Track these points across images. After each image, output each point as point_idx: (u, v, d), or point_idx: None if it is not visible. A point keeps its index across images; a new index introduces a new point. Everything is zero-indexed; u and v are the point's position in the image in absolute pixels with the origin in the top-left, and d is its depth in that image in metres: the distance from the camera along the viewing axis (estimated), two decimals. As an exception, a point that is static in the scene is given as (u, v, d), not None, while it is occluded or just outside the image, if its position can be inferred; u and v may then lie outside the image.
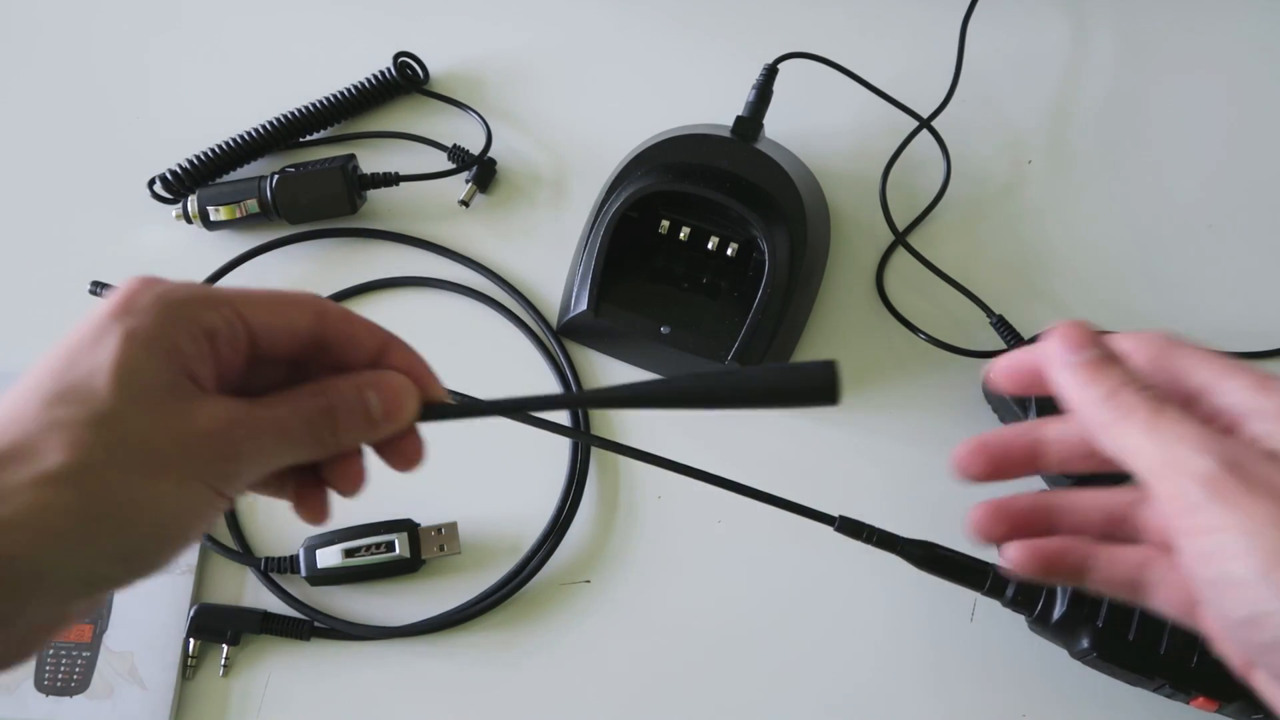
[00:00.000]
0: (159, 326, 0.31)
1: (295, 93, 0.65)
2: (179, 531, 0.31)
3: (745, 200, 0.56)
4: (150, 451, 0.30)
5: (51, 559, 0.28)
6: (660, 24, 0.69)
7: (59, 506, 0.28)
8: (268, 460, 0.32)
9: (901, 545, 0.45)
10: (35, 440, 0.29)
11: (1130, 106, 0.66)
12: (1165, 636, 0.45)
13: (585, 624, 0.54)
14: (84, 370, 0.30)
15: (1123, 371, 0.35)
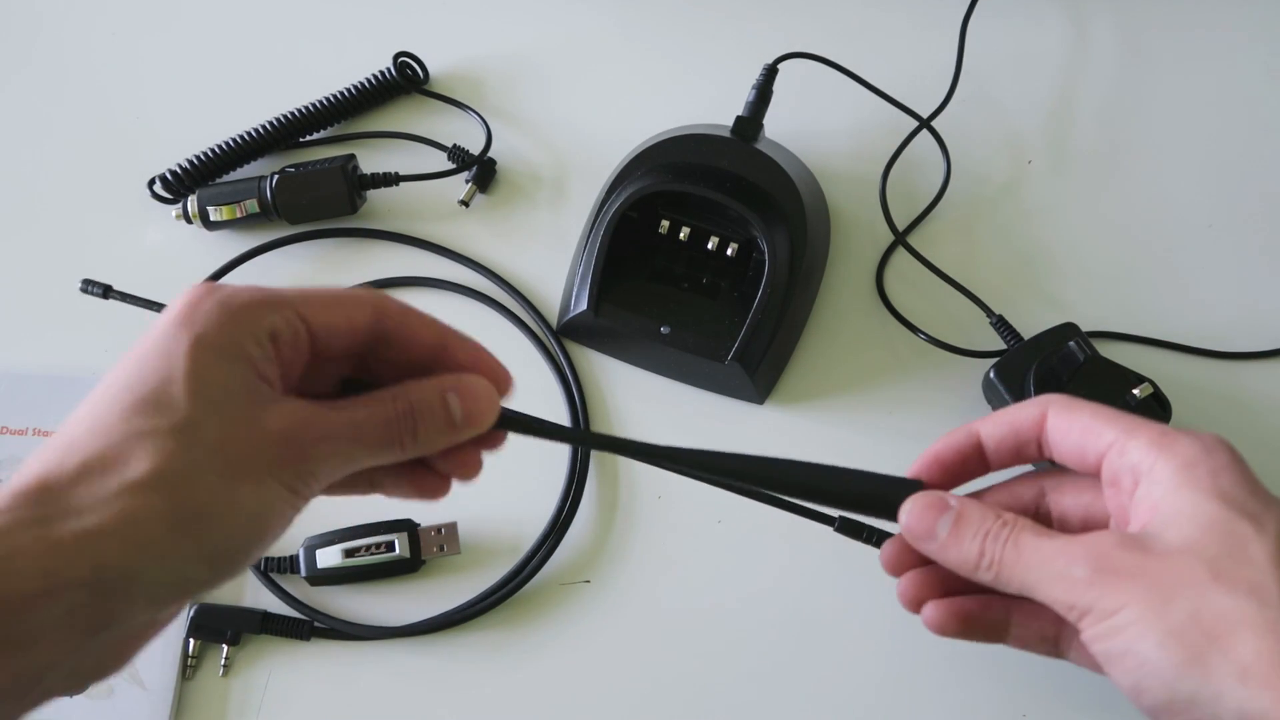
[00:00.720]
0: (225, 332, 0.31)
1: (295, 93, 0.65)
2: (259, 532, 0.31)
3: (745, 200, 0.56)
4: (230, 455, 0.30)
5: (143, 565, 0.29)
6: (660, 24, 0.69)
7: (148, 513, 0.29)
8: (344, 462, 0.33)
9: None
10: (119, 451, 0.30)
11: (1130, 106, 0.66)
12: None
13: (585, 624, 0.54)
14: (158, 380, 0.31)
15: (977, 522, 0.37)
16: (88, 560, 0.28)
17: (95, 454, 0.30)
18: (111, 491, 0.29)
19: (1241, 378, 0.58)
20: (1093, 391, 0.52)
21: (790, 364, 0.59)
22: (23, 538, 0.28)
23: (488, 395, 0.35)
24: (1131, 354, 0.59)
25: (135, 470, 0.29)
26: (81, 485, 0.29)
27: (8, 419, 0.57)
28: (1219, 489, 0.34)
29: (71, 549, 0.28)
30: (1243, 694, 0.31)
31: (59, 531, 0.28)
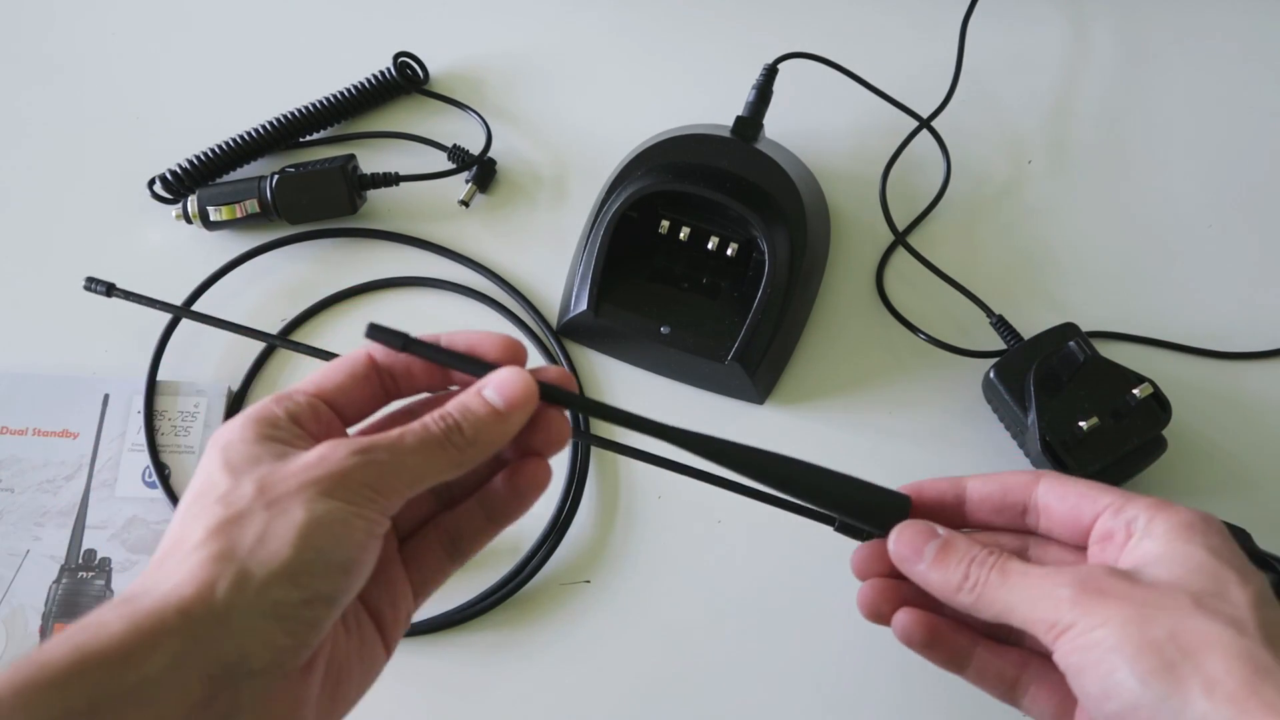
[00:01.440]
0: (245, 431, 0.35)
1: (295, 93, 0.65)
2: (330, 543, 0.33)
3: (745, 200, 0.56)
4: (271, 494, 0.33)
5: (222, 598, 0.31)
6: (660, 24, 0.69)
7: (211, 558, 0.32)
8: (408, 477, 0.35)
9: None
10: (180, 536, 0.34)
11: (1130, 106, 0.66)
12: None
13: (585, 624, 0.54)
14: (202, 481, 0.35)
15: (963, 549, 0.39)
16: (173, 609, 0.31)
17: (164, 550, 0.34)
18: (178, 560, 0.32)
19: (1241, 378, 0.58)
20: (1093, 391, 0.52)
21: (790, 364, 0.59)
22: (110, 614, 0.31)
23: (520, 376, 0.37)
24: (1131, 354, 0.59)
25: (194, 537, 0.33)
26: (155, 573, 0.33)
27: (8, 419, 0.57)
28: (1210, 545, 0.36)
29: (156, 606, 0.31)
30: (1206, 706, 0.32)
31: (142, 601, 0.31)
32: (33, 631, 0.53)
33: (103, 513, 0.55)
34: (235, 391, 0.59)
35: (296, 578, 0.32)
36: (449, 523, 0.40)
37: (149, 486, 0.56)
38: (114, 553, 0.55)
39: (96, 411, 0.58)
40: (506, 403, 0.36)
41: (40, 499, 0.56)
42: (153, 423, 0.57)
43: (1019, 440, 0.55)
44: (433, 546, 0.40)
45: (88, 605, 0.53)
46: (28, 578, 0.54)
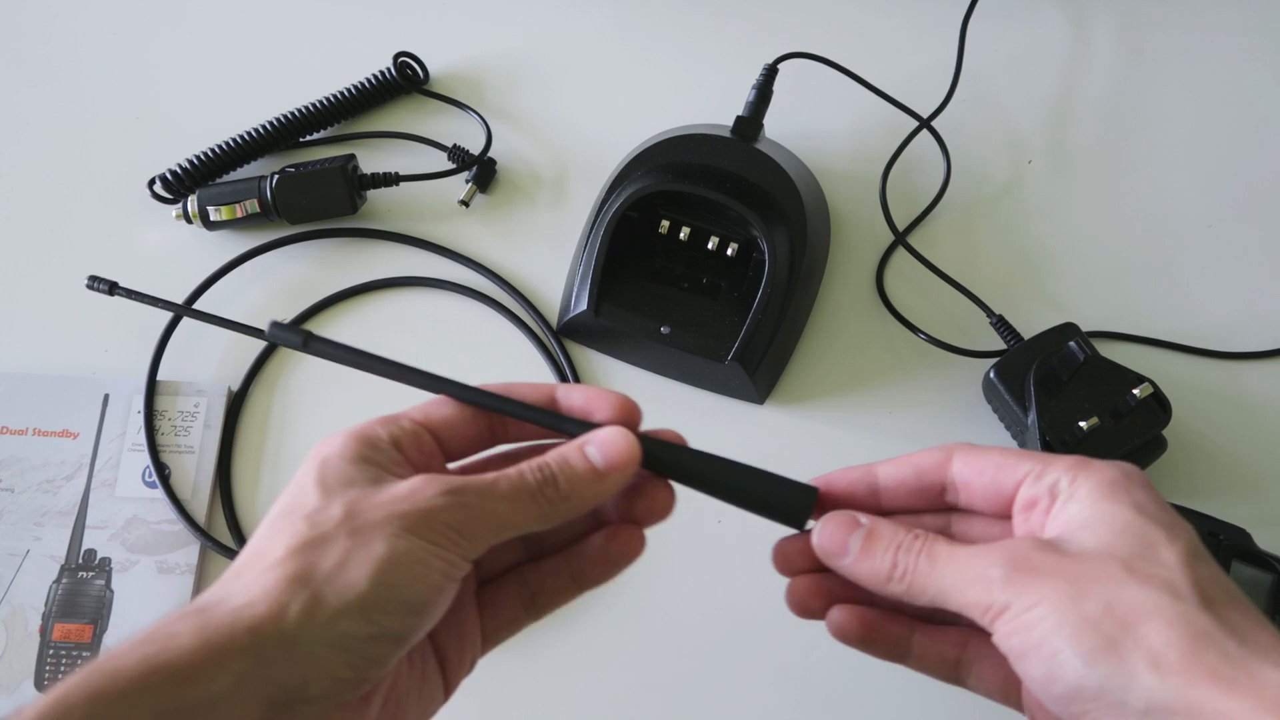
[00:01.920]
0: (346, 449, 0.35)
1: (295, 93, 0.65)
2: (406, 581, 0.33)
3: (745, 200, 0.56)
4: (358, 522, 0.33)
5: (293, 622, 0.31)
6: (660, 24, 0.69)
7: (288, 577, 0.32)
8: (495, 524, 0.35)
9: None
10: (264, 547, 0.33)
11: (1130, 106, 0.66)
12: None
13: (585, 624, 0.54)
14: (294, 493, 0.35)
15: (889, 537, 0.38)
16: (244, 628, 0.31)
17: (244, 560, 0.34)
18: (256, 574, 0.32)
19: (1241, 378, 0.58)
20: (1093, 391, 0.52)
21: (790, 364, 0.59)
22: (180, 625, 0.31)
23: (624, 438, 0.36)
24: (1131, 354, 0.59)
25: (275, 553, 0.33)
26: (233, 583, 0.33)
27: (8, 419, 0.57)
28: (1134, 502, 0.35)
29: (227, 622, 0.31)
30: (1152, 680, 0.31)
31: (212, 615, 0.31)
32: (33, 631, 0.53)
33: (103, 513, 0.55)
34: (235, 391, 0.59)
35: (367, 612, 0.32)
36: (533, 575, 0.40)
37: (149, 486, 0.56)
38: (114, 553, 0.55)
39: (96, 411, 0.58)
40: (607, 463, 0.36)
41: (40, 499, 0.56)
42: (153, 423, 0.57)
43: (1019, 440, 0.55)
44: (511, 596, 0.39)
45: (88, 605, 0.53)
46: (28, 578, 0.54)
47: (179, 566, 0.54)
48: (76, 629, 0.53)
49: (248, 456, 0.58)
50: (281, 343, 0.38)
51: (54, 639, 0.53)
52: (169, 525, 0.55)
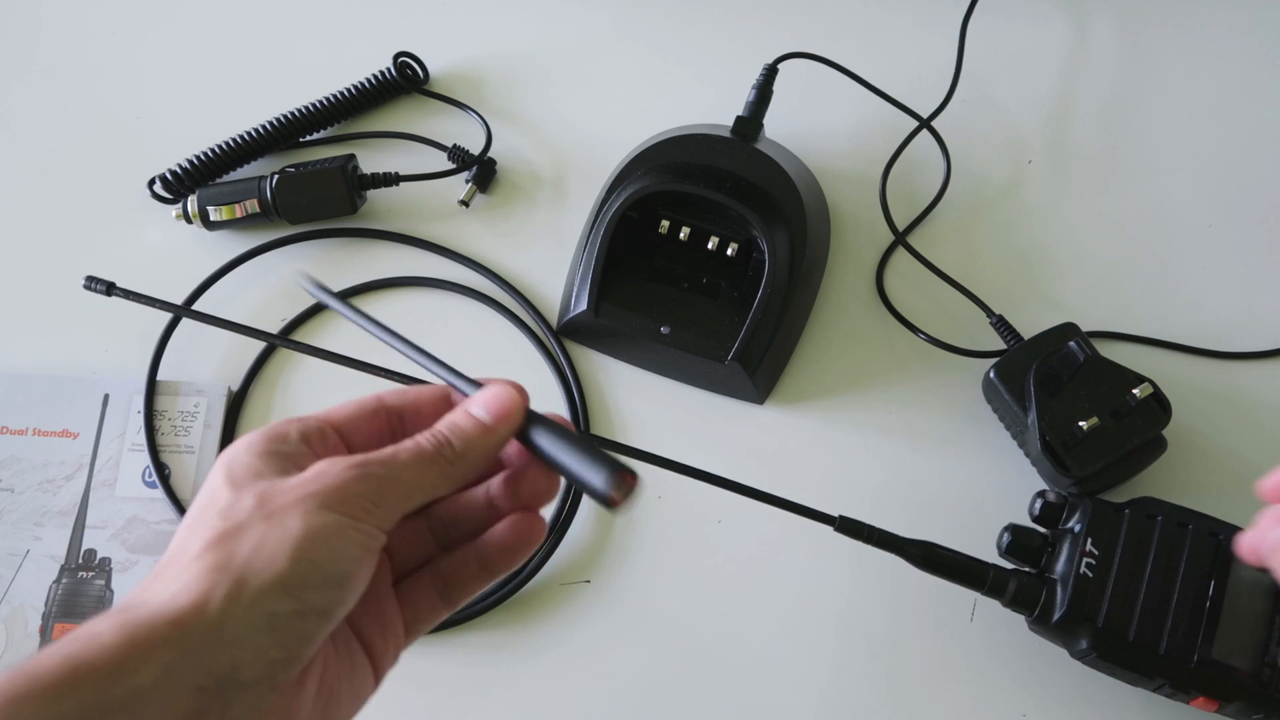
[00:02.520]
0: (250, 447, 0.36)
1: (295, 93, 0.65)
2: (326, 556, 0.33)
3: (745, 200, 0.56)
4: (271, 506, 0.34)
5: (216, 609, 0.31)
6: (660, 24, 0.69)
7: (209, 569, 0.32)
8: (404, 491, 0.36)
9: (901, 546, 0.45)
10: (179, 548, 0.34)
11: (1130, 106, 0.66)
12: (1165, 636, 0.45)
13: (585, 624, 0.54)
14: (204, 497, 0.36)
15: None
16: (166, 621, 0.31)
17: (164, 562, 0.34)
18: (177, 571, 0.33)
19: (1241, 378, 0.58)
20: (1093, 391, 0.52)
21: (790, 364, 0.59)
22: (102, 625, 0.31)
23: (506, 391, 0.38)
24: (1131, 354, 0.59)
25: (192, 549, 0.33)
26: (152, 583, 0.33)
27: (8, 419, 0.57)
28: None
29: (148, 618, 0.31)
30: None
31: (135, 613, 0.31)
32: (33, 631, 0.53)
33: (103, 512, 0.55)
34: (235, 391, 0.59)
35: (291, 589, 0.32)
36: (444, 566, 0.41)
37: (149, 486, 0.56)
38: (114, 552, 0.55)
39: (96, 411, 0.58)
40: (492, 416, 0.37)
41: (40, 499, 0.56)
42: (153, 423, 0.57)
43: (1019, 440, 0.55)
44: (426, 588, 0.40)
45: (88, 605, 0.53)
46: (28, 578, 0.54)
47: (179, 566, 0.54)
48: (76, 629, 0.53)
49: (248, 456, 0.57)
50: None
51: (54, 639, 0.53)
52: (169, 525, 0.55)
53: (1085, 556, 0.45)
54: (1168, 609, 0.45)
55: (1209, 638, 0.44)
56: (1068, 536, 0.47)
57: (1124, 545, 0.46)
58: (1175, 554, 0.45)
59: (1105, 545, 0.46)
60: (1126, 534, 0.46)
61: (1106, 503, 0.47)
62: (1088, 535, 0.46)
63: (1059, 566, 0.46)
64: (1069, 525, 0.47)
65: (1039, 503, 0.48)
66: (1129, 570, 0.45)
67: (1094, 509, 0.47)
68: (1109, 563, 0.45)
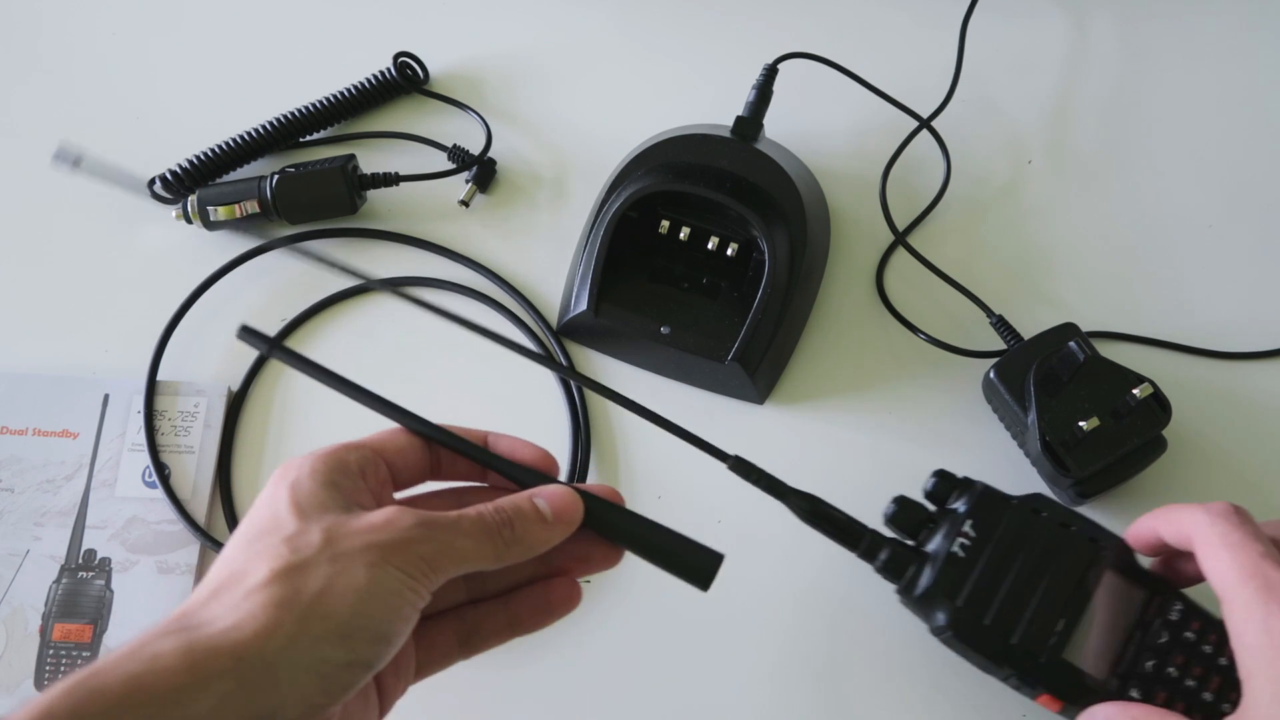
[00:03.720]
0: (315, 473, 0.37)
1: (295, 93, 0.65)
2: (384, 613, 0.34)
3: (745, 200, 0.56)
4: (338, 549, 0.34)
5: (278, 648, 0.32)
6: (660, 24, 0.69)
7: (272, 601, 0.33)
8: (457, 558, 0.37)
9: (787, 494, 0.45)
10: (243, 568, 0.34)
11: (1130, 106, 0.66)
12: (1020, 628, 0.44)
13: (585, 624, 0.54)
14: (267, 515, 0.36)
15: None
16: (227, 652, 0.31)
17: (222, 579, 0.34)
18: (239, 597, 0.33)
19: (1241, 378, 0.58)
20: (1093, 391, 0.52)
21: (790, 364, 0.59)
22: (164, 644, 0.31)
23: (569, 496, 0.40)
24: (1131, 354, 0.59)
25: (256, 576, 0.33)
26: (213, 602, 0.33)
27: (8, 419, 0.57)
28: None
29: (210, 645, 0.32)
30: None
31: (197, 635, 0.32)
32: (33, 631, 0.53)
33: (103, 513, 0.55)
34: (235, 391, 0.59)
35: (346, 640, 0.33)
36: (471, 616, 0.42)
37: (149, 486, 0.56)
38: (114, 553, 0.55)
39: (96, 411, 0.58)
40: (555, 516, 0.39)
41: (40, 499, 0.56)
42: (153, 423, 0.57)
43: (1019, 440, 0.55)
44: (448, 633, 0.42)
45: (88, 605, 0.53)
46: (28, 578, 0.54)
47: (179, 566, 0.54)
48: (76, 629, 0.53)
49: (247, 456, 0.58)
50: (249, 344, 0.41)
51: (54, 639, 0.53)
52: (169, 525, 0.55)
53: (960, 537, 0.46)
54: (1028, 602, 0.45)
55: (1064, 639, 0.44)
56: (950, 516, 0.47)
57: (1001, 534, 0.46)
58: (1050, 552, 0.45)
59: (983, 530, 0.46)
60: (1006, 523, 0.46)
61: (997, 492, 0.47)
62: (968, 518, 0.46)
63: (934, 543, 0.46)
64: (954, 506, 0.47)
65: (933, 480, 0.48)
66: (1000, 558, 0.45)
67: (982, 494, 0.47)
68: (982, 547, 0.45)
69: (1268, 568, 0.39)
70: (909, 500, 0.48)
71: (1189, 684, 0.44)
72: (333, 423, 0.58)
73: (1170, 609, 0.45)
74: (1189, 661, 0.44)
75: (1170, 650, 0.44)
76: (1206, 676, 0.44)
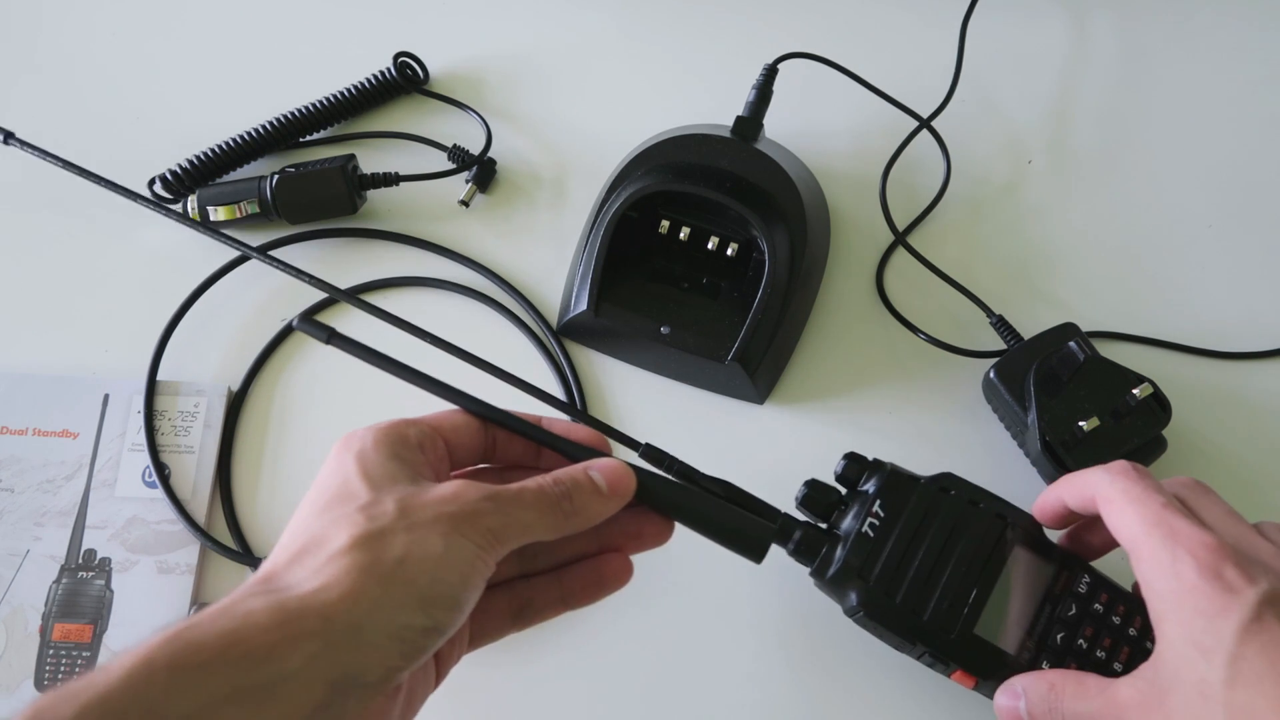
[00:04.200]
0: (379, 444, 0.38)
1: (295, 93, 0.65)
2: (459, 580, 0.36)
3: (745, 200, 0.56)
4: (412, 518, 0.36)
5: (363, 611, 0.33)
6: (660, 24, 0.69)
7: (356, 568, 0.34)
8: (521, 529, 0.38)
9: (699, 479, 0.45)
10: (321, 535, 0.36)
11: (1130, 106, 0.66)
12: (931, 605, 0.45)
13: (585, 624, 0.54)
14: (338, 484, 0.37)
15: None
16: (316, 612, 0.33)
17: (301, 543, 0.36)
18: (321, 561, 0.34)
19: (1241, 378, 0.58)
20: (1093, 391, 0.52)
21: (790, 364, 0.59)
22: (256, 603, 0.33)
23: (623, 468, 0.41)
24: (1131, 354, 0.59)
25: (337, 542, 0.35)
26: (296, 565, 0.35)
27: (8, 419, 0.57)
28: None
29: (299, 606, 0.33)
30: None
31: (285, 596, 0.33)
32: (33, 632, 0.53)
33: (103, 513, 0.55)
34: (235, 391, 0.59)
35: (424, 605, 0.35)
36: (524, 590, 0.43)
37: (149, 486, 0.56)
38: (114, 553, 0.55)
39: (96, 411, 0.58)
40: (610, 487, 0.41)
41: (40, 499, 0.56)
42: (153, 423, 0.57)
43: (1019, 440, 0.55)
44: (502, 606, 0.43)
45: (88, 605, 0.53)
46: (28, 578, 0.54)
47: (179, 566, 0.54)
48: (76, 629, 0.53)
49: (248, 456, 0.58)
50: (308, 333, 0.42)
51: (54, 639, 0.53)
52: (169, 525, 0.55)
53: (870, 517, 0.46)
54: (939, 580, 0.45)
55: (975, 614, 0.44)
56: (860, 497, 0.47)
57: (910, 512, 0.46)
58: (958, 529, 0.46)
59: (892, 510, 0.46)
60: (915, 502, 0.46)
61: (905, 472, 0.47)
62: (877, 498, 0.46)
63: (845, 524, 0.46)
64: (864, 487, 0.47)
65: (843, 462, 0.48)
66: (909, 537, 0.45)
67: (891, 474, 0.47)
68: (891, 526, 0.46)
69: (1170, 516, 0.40)
70: (820, 483, 0.48)
71: (1098, 654, 0.44)
72: (334, 421, 0.58)
73: (1078, 582, 0.45)
74: (1098, 632, 0.44)
75: (1079, 622, 0.45)
76: (1115, 647, 0.44)
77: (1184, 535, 0.39)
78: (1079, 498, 0.44)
